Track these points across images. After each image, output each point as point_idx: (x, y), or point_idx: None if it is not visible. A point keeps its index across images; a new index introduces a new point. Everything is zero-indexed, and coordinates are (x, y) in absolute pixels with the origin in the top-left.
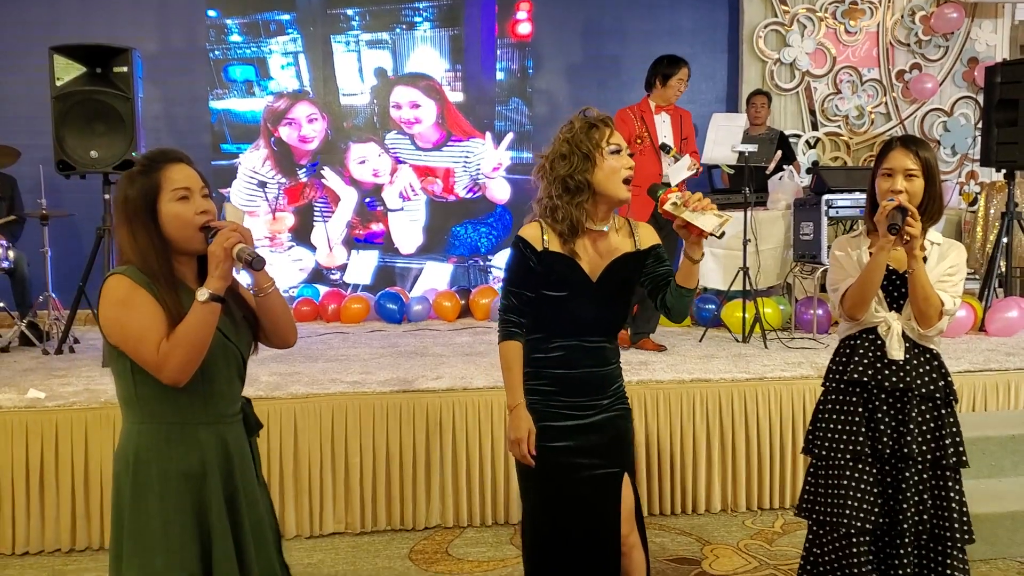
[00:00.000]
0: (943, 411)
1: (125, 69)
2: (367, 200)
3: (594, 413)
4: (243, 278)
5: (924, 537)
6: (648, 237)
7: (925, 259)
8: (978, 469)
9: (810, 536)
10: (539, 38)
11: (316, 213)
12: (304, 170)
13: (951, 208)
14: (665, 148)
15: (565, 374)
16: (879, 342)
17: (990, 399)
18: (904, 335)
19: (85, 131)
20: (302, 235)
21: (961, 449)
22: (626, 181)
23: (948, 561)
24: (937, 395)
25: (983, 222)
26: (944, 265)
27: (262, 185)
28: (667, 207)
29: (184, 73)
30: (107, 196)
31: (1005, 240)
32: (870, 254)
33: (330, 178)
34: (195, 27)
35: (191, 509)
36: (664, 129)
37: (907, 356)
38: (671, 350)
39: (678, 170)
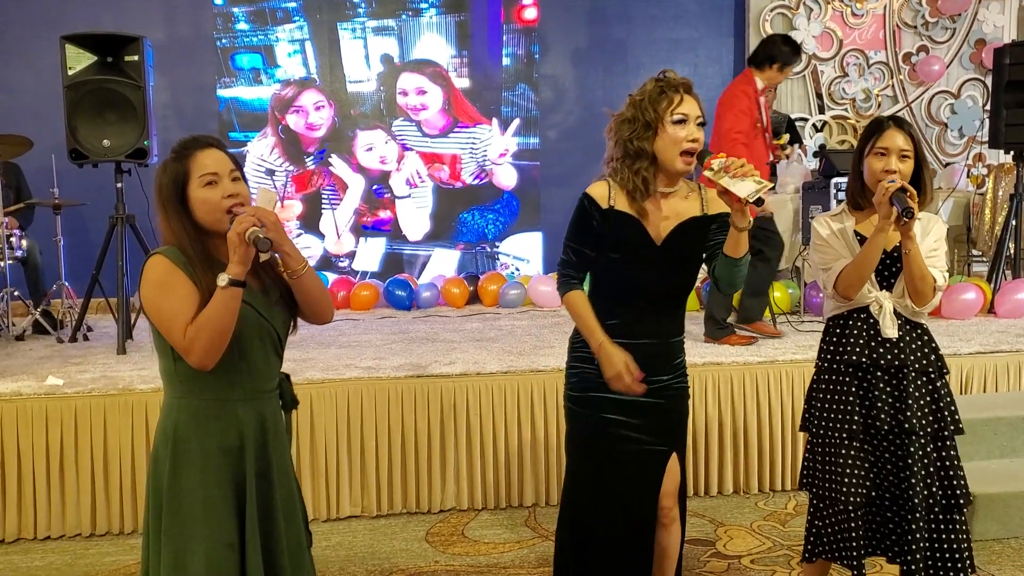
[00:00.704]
0: (938, 383)
1: (136, 58)
2: (374, 187)
3: (649, 392)
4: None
5: (936, 509)
6: (717, 204)
7: None
8: (989, 449)
9: (811, 509)
10: (545, 23)
11: (324, 201)
12: (311, 158)
13: (959, 190)
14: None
15: (623, 344)
16: (871, 320)
17: (1001, 380)
18: (895, 312)
19: (97, 120)
20: (310, 223)
21: (957, 417)
22: (689, 153)
23: (956, 527)
24: (931, 369)
25: (991, 204)
26: (929, 240)
27: (270, 173)
28: (707, 173)
29: (191, 62)
30: (119, 184)
31: (1014, 222)
32: (856, 232)
33: (337, 165)
34: (202, 15)
35: (230, 482)
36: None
37: (900, 333)
38: None
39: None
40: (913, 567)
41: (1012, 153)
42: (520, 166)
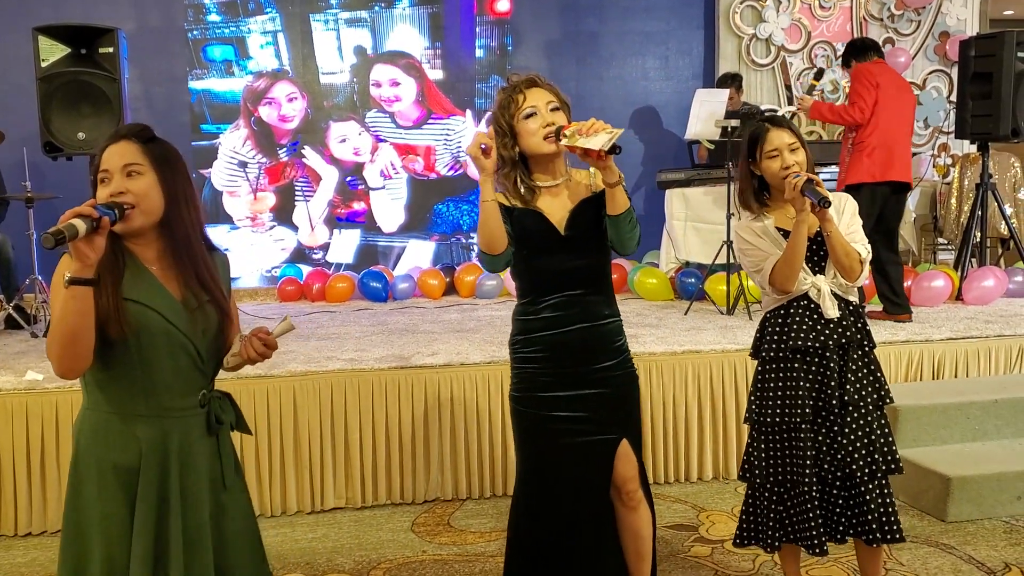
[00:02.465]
0: (871, 355)
1: (111, 50)
2: (348, 179)
3: (593, 381)
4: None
5: (879, 474)
6: (600, 179)
7: None
8: (963, 433)
9: (749, 500)
10: (518, 15)
11: (297, 193)
12: (284, 150)
13: (925, 180)
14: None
15: (556, 337)
16: (812, 305)
17: (971, 366)
18: (832, 293)
19: (71, 112)
20: (283, 215)
21: (888, 387)
22: (553, 135)
23: (890, 491)
24: (866, 342)
25: (957, 193)
26: (846, 218)
27: (242, 165)
28: (563, 143)
29: (162, 53)
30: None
31: (979, 212)
32: (778, 228)
33: (310, 157)
34: (173, 6)
35: (126, 503)
36: None
37: (840, 312)
38: (658, 323)
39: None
40: (868, 529)
41: (977, 143)
42: None
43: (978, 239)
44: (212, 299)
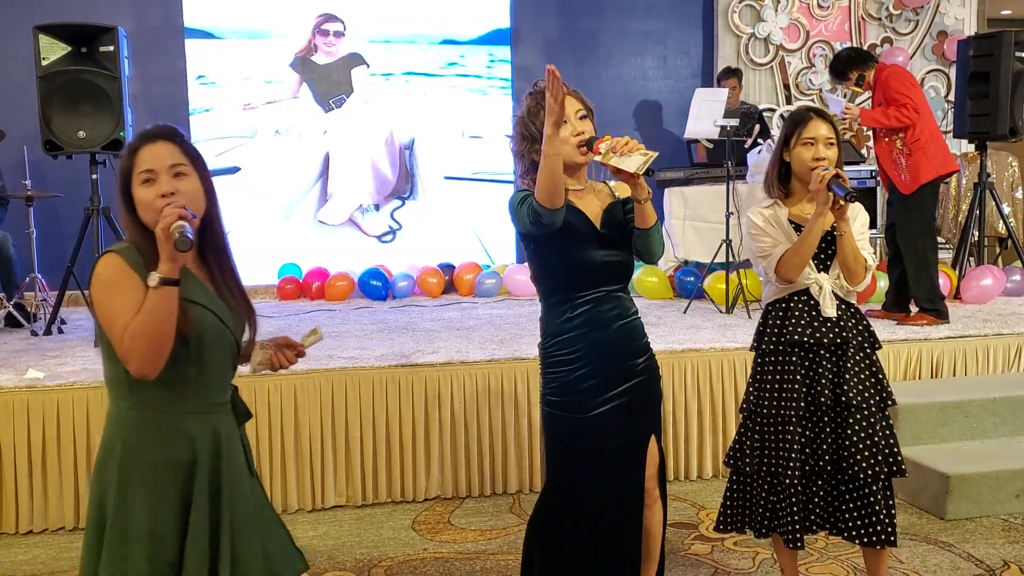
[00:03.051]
0: (873, 357)
1: (111, 48)
2: None
3: (627, 383)
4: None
5: (882, 476)
6: (622, 188)
7: None
8: (961, 431)
9: (736, 487)
10: (517, 14)
11: None
12: None
13: None
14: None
15: (595, 335)
16: (812, 301)
17: (970, 364)
18: (832, 293)
19: (72, 111)
20: None
21: (890, 389)
22: (580, 144)
23: (891, 494)
24: (866, 344)
25: (956, 192)
26: (857, 225)
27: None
28: (597, 157)
29: (162, 52)
30: (95, 176)
31: (977, 211)
32: (790, 221)
33: None
34: (171, 4)
35: (177, 500)
36: None
37: (838, 312)
38: (658, 322)
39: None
40: (853, 532)
41: (975, 143)
42: None
43: (976, 238)
44: (241, 300)
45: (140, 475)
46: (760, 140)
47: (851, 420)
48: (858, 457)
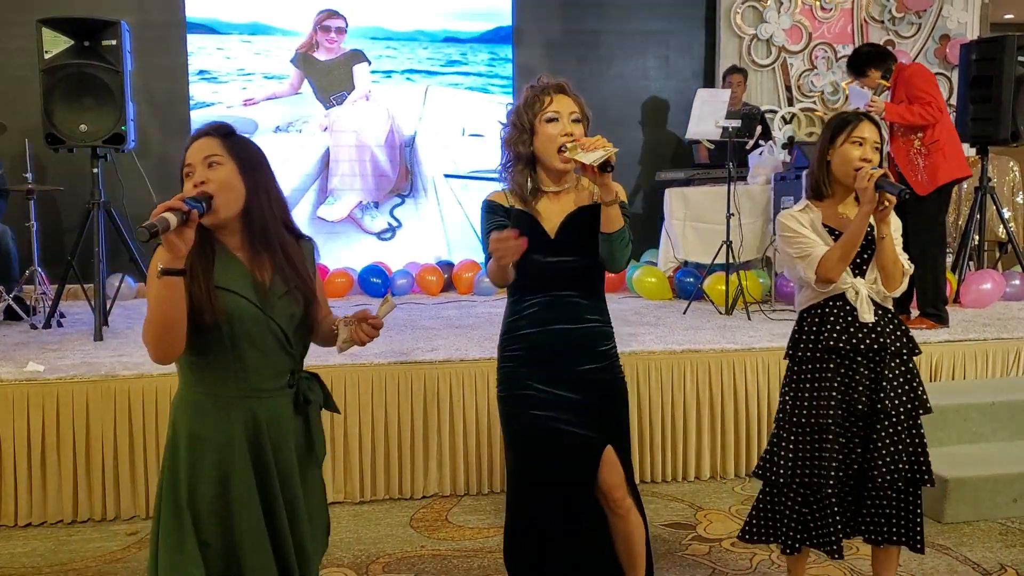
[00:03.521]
0: (910, 364)
1: (114, 42)
2: None
3: (572, 383)
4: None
5: (900, 484)
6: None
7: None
8: (960, 435)
9: (768, 498)
10: (519, 14)
11: None
12: None
13: None
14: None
15: (538, 336)
16: (848, 307)
17: (969, 368)
18: (868, 298)
19: (74, 105)
20: None
21: (925, 397)
22: (565, 148)
23: (918, 502)
24: (904, 350)
25: (956, 196)
26: (891, 229)
27: None
28: (566, 153)
29: (164, 47)
30: (96, 170)
31: (978, 215)
32: (824, 225)
33: None
34: (173, 0)
35: (215, 481)
36: None
37: (875, 318)
38: (657, 322)
39: None
40: (879, 538)
41: (977, 147)
42: None
43: (976, 242)
44: (298, 284)
45: (183, 452)
46: (762, 142)
47: (878, 427)
48: (879, 462)
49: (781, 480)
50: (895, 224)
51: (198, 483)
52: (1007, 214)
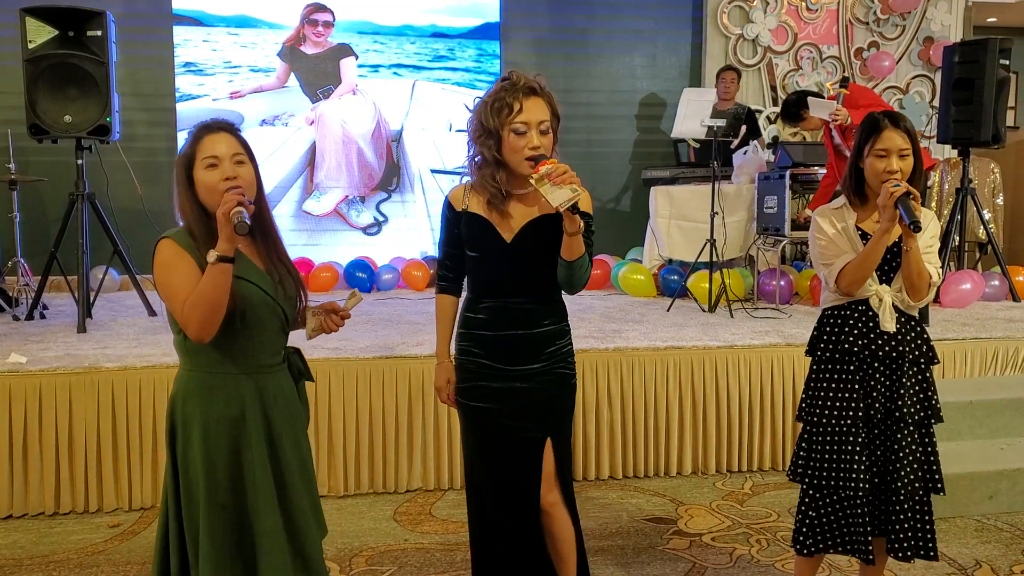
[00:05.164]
0: (927, 373)
1: (99, 33)
2: None
3: (523, 378)
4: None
5: (920, 491)
6: (584, 201)
7: None
8: (938, 433)
9: (806, 499)
10: (507, 10)
11: None
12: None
13: None
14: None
15: (491, 336)
16: (870, 312)
17: (947, 367)
18: (893, 306)
19: (58, 95)
20: None
21: (939, 406)
22: (532, 159)
23: (930, 509)
24: (922, 359)
25: (937, 198)
26: (926, 236)
27: None
28: (532, 179)
29: (149, 37)
30: (80, 161)
31: (959, 216)
32: (857, 228)
33: None
34: None
35: (228, 449)
36: None
37: (897, 326)
38: (641, 319)
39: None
40: (897, 545)
41: (958, 149)
42: None
43: (957, 243)
44: (290, 270)
45: (196, 426)
46: (748, 141)
47: (900, 435)
48: (898, 466)
49: (818, 482)
50: (933, 229)
51: (215, 458)
52: (987, 215)
